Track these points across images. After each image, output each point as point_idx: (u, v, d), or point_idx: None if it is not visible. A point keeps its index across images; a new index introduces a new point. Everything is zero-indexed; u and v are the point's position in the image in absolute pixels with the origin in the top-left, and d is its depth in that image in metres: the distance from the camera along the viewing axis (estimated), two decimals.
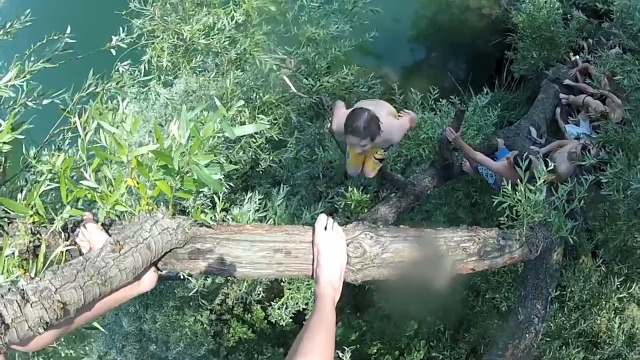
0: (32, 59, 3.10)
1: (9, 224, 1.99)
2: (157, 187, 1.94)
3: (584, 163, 4.99)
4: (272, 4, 5.23)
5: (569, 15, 8.87)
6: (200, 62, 5.39)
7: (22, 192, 2.24)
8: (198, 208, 2.14)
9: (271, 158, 5.00)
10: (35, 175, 2.96)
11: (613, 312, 5.29)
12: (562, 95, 8.19)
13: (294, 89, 5.05)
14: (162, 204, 2.09)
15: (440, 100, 5.69)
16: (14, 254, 1.83)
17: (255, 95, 4.94)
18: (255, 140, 5.10)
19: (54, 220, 1.94)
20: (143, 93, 5.68)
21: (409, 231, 2.46)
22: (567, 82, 8.37)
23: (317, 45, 5.20)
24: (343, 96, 5.08)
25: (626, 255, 5.45)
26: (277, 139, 4.95)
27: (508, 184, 3.70)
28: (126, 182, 1.96)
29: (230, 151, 5.14)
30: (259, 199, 4.31)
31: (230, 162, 5.14)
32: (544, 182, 3.29)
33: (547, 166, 3.28)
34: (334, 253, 2.10)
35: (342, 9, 5.21)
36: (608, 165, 4.51)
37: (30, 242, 1.91)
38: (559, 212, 3.44)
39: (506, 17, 9.39)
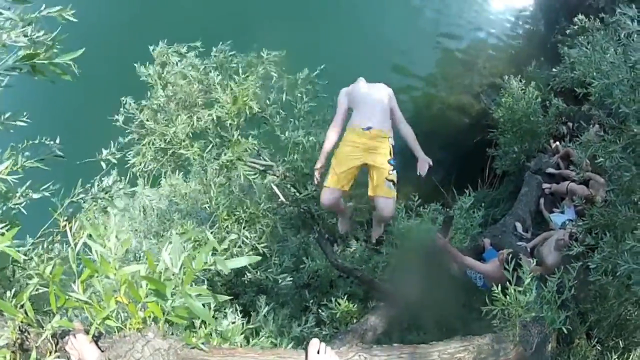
0: (26, 153, 3.14)
1: None
2: (149, 309, 1.97)
3: (571, 252, 4.99)
4: (257, 106, 5.22)
5: (547, 102, 9.12)
6: (185, 164, 5.33)
7: (10, 288, 2.26)
8: (189, 332, 2.23)
9: (257, 273, 4.85)
10: (23, 274, 2.94)
11: None
12: (544, 185, 8.30)
13: (282, 198, 4.97)
14: (152, 322, 2.08)
15: (425, 205, 5.66)
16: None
17: (241, 205, 4.84)
18: (240, 252, 4.95)
19: (42, 322, 2.01)
20: (129, 195, 5.55)
21: (403, 348, 2.49)
22: (550, 170, 8.52)
23: (305, 152, 5.16)
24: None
25: (621, 328, 5.34)
26: (262, 251, 4.80)
27: (497, 287, 3.67)
28: (116, 298, 2.00)
29: None
30: (242, 310, 4.16)
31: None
32: (532, 279, 3.30)
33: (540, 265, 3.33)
34: None
35: (325, 118, 5.25)
36: (595, 251, 4.48)
37: (17, 338, 1.97)
38: (551, 305, 3.44)
39: (486, 113, 9.63)
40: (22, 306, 2.03)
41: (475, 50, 11.99)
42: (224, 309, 4.51)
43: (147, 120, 5.42)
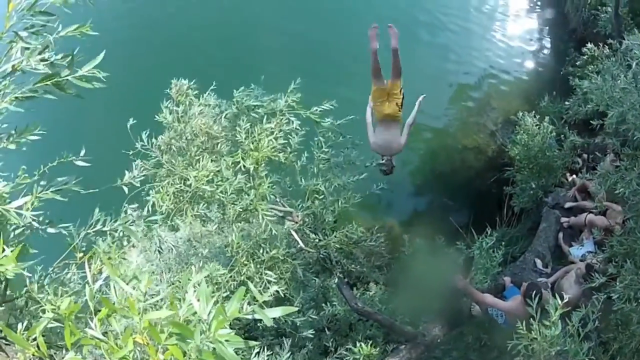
0: (42, 182, 3.01)
1: (6, 344, 2.02)
2: (169, 351, 1.85)
3: (593, 284, 4.92)
4: (280, 153, 5.26)
5: (562, 136, 9.11)
6: (205, 209, 5.33)
7: (22, 321, 2.20)
8: None
9: (278, 319, 4.80)
10: (36, 307, 2.79)
11: None
12: (563, 219, 8.21)
13: (301, 244, 4.98)
14: None
15: (446, 247, 5.65)
16: None
17: (261, 249, 4.85)
18: (260, 296, 4.92)
19: (54, 356, 1.94)
20: (146, 236, 5.58)
21: None
22: (567, 204, 8.45)
23: (324, 198, 5.18)
24: (351, 250, 5.01)
25: None
26: (282, 295, 4.79)
27: (521, 323, 3.64)
28: (135, 338, 1.91)
29: None
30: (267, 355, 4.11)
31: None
32: (557, 313, 3.31)
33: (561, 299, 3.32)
34: None
35: (346, 161, 5.27)
36: (616, 280, 4.43)
37: None
38: (574, 338, 3.42)
39: (502, 152, 9.64)
40: (34, 339, 1.97)
41: (488, 88, 12.08)
42: (245, 354, 4.48)
43: (167, 162, 5.47)
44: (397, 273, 6.14)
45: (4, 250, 2.24)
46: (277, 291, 4.91)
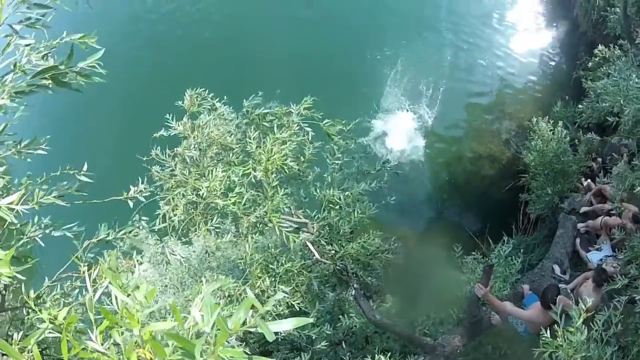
0: (44, 187, 2.92)
1: (2, 355, 1.83)
2: None
3: (615, 286, 4.82)
4: (292, 162, 5.17)
5: (577, 140, 9.01)
6: (218, 222, 5.24)
7: (18, 331, 2.13)
8: None
9: (293, 331, 4.71)
10: (34, 317, 2.75)
11: None
12: (579, 225, 8.10)
13: (317, 255, 4.88)
14: None
15: (465, 256, 5.55)
16: None
17: (275, 262, 4.76)
18: (275, 309, 4.84)
19: None
20: (158, 251, 5.52)
21: None
22: (583, 209, 8.34)
23: (340, 209, 5.08)
24: (368, 262, 4.91)
25: None
26: (297, 308, 4.69)
27: (543, 330, 3.55)
28: (138, 353, 1.77)
29: None
30: None
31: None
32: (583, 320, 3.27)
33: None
34: None
35: (361, 170, 5.18)
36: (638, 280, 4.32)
37: None
38: (598, 343, 3.39)
39: (517, 159, 9.58)
40: (29, 351, 1.86)
41: (501, 95, 12.09)
42: None
43: (178, 174, 5.40)
44: (413, 283, 6.03)
45: None
46: (292, 304, 4.83)
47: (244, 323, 1.70)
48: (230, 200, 5.06)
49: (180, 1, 13.65)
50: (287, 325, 1.81)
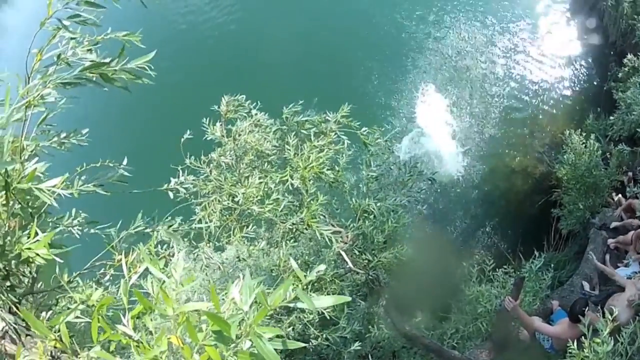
0: (83, 177, 2.91)
1: (26, 335, 1.86)
2: (206, 353, 1.66)
3: None
4: (329, 171, 5.19)
5: (608, 154, 8.90)
6: (252, 230, 5.27)
7: (47, 310, 2.11)
8: None
9: (324, 336, 4.72)
10: (66, 301, 2.75)
11: None
12: (609, 241, 8.01)
13: (350, 264, 4.90)
14: None
15: (496, 270, 5.53)
16: None
17: (308, 270, 4.78)
18: (306, 315, 4.86)
19: (77, 352, 1.77)
20: (193, 253, 5.57)
21: None
22: (614, 224, 8.25)
23: (374, 219, 5.09)
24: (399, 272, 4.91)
25: None
26: (328, 316, 4.70)
27: (573, 343, 3.56)
28: (169, 338, 1.75)
29: (279, 325, 4.89)
30: None
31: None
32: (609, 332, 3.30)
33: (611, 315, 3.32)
34: None
35: (397, 180, 5.18)
36: None
37: None
38: (622, 357, 3.44)
39: (549, 173, 9.50)
40: (58, 330, 1.81)
41: (533, 108, 12.03)
42: None
43: (215, 179, 5.45)
44: (441, 295, 6.04)
45: (36, 234, 2.14)
46: (323, 313, 4.85)
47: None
48: (266, 207, 5.11)
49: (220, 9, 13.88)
50: (327, 301, 1.82)
